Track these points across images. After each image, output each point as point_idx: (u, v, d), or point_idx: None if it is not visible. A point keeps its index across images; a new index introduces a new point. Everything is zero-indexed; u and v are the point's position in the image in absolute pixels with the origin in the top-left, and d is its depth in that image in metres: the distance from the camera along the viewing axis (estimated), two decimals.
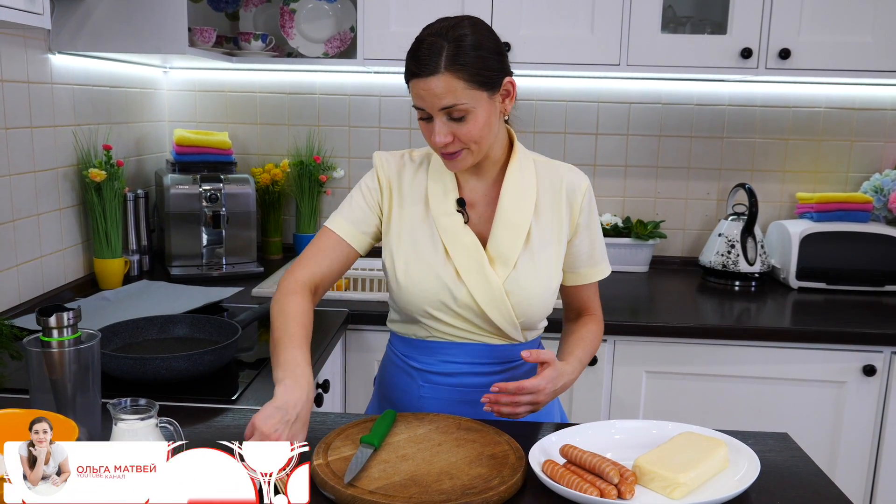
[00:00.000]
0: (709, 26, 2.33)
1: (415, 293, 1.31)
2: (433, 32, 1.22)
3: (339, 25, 2.45)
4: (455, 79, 1.19)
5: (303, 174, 2.57)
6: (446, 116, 1.22)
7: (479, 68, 1.20)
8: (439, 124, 1.22)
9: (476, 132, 1.23)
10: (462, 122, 1.22)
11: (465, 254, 1.29)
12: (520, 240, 1.30)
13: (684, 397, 2.04)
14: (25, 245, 1.86)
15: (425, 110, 1.23)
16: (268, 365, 1.55)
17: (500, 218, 1.31)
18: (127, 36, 1.96)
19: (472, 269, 1.29)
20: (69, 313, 1.11)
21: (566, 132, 2.61)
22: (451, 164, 1.28)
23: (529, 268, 1.30)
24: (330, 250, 1.34)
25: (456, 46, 1.19)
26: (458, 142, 1.24)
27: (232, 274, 2.32)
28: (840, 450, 2.04)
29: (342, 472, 1.03)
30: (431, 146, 1.28)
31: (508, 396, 1.19)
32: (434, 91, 1.19)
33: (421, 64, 1.20)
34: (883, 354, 1.99)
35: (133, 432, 1.01)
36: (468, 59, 1.19)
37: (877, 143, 2.57)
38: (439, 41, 1.19)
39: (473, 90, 1.20)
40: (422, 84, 1.20)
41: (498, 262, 1.30)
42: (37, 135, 1.89)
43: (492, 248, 1.30)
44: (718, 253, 2.43)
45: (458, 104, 1.20)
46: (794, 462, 1.15)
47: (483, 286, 1.29)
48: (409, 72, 1.23)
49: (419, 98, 1.23)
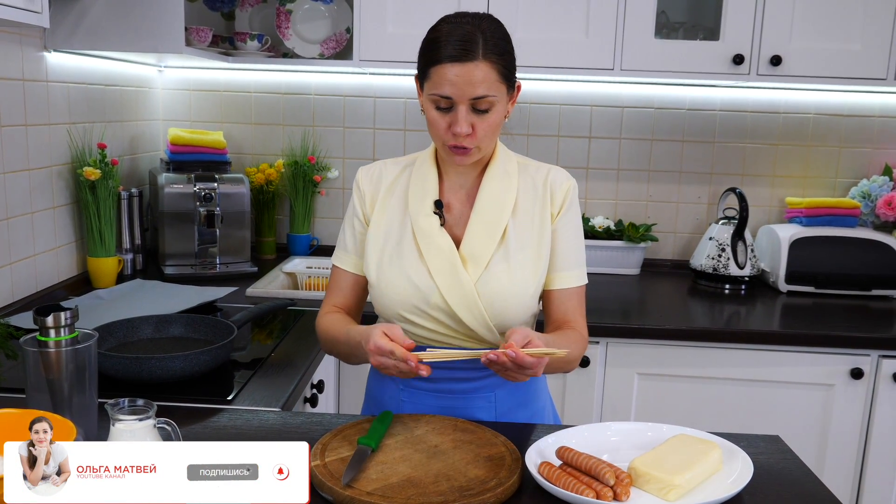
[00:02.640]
0: (701, 32, 2.35)
1: (388, 295, 1.31)
2: (464, 22, 1.20)
3: (335, 26, 2.46)
4: (491, 68, 1.19)
5: (297, 174, 2.57)
6: (471, 107, 1.21)
7: (508, 63, 1.22)
8: (464, 113, 1.20)
9: (493, 126, 1.23)
10: (484, 115, 1.21)
11: (439, 255, 1.28)
12: (493, 240, 1.29)
13: (675, 399, 2.06)
14: (19, 243, 1.86)
15: (450, 98, 1.20)
16: (263, 365, 1.56)
17: (475, 218, 1.30)
18: (123, 35, 1.96)
19: (445, 271, 1.27)
20: (66, 313, 1.11)
21: (559, 135, 2.62)
22: (459, 158, 1.26)
23: (503, 268, 1.28)
24: (343, 284, 1.40)
25: (491, 37, 1.19)
26: (474, 135, 1.22)
27: (226, 273, 2.32)
28: (827, 452, 2.06)
29: (340, 473, 1.04)
30: (442, 138, 1.24)
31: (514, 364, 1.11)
32: (470, 78, 1.18)
33: (459, 49, 1.17)
34: (870, 358, 2.01)
35: (131, 433, 1.01)
36: (501, 51, 1.20)
37: (865, 150, 2.60)
38: (474, 30, 1.18)
39: (500, 84, 1.21)
40: (456, 69, 1.17)
41: (470, 262, 1.28)
42: (31, 133, 1.88)
43: (465, 248, 1.29)
44: (709, 256, 2.45)
45: (489, 95, 1.19)
46: (786, 464, 1.17)
47: (455, 287, 1.27)
48: (439, 57, 1.19)
49: (450, 84, 1.18)
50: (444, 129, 1.23)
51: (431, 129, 1.26)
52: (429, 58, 1.21)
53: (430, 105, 1.23)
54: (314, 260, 2.53)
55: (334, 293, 1.41)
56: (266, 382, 1.47)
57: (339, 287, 1.40)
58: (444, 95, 1.20)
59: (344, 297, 1.40)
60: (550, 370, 1.24)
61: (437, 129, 1.24)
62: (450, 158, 1.28)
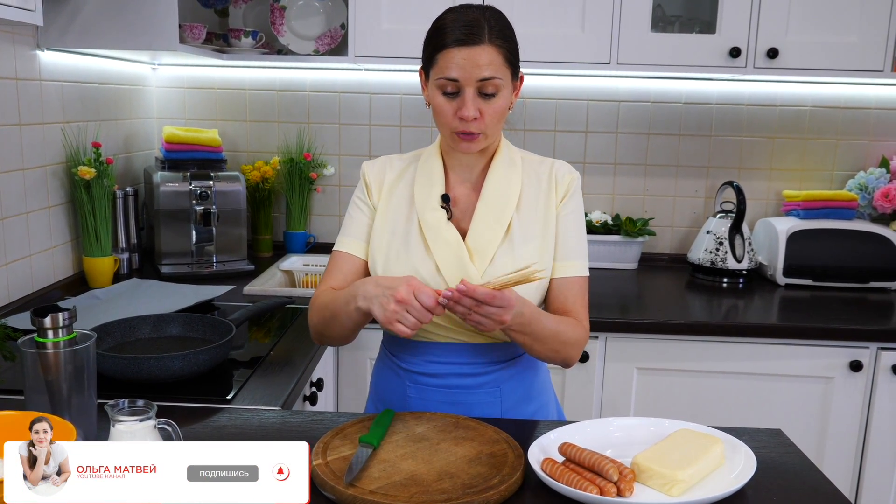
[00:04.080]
0: (698, 25, 2.35)
1: None
2: (469, 10, 1.24)
3: (329, 22, 2.44)
4: (496, 52, 1.22)
5: (293, 172, 2.56)
6: (477, 91, 1.22)
7: (512, 49, 1.25)
8: (471, 96, 1.22)
9: (499, 112, 1.25)
10: (491, 100, 1.23)
11: (447, 249, 1.28)
12: (498, 234, 1.29)
13: (675, 393, 2.06)
14: (14, 243, 1.85)
15: (457, 82, 1.22)
16: (262, 364, 1.55)
17: (480, 211, 1.31)
18: (117, 32, 1.94)
19: (452, 264, 1.28)
20: (64, 314, 1.10)
21: (556, 130, 2.62)
22: (466, 144, 1.26)
23: (508, 262, 1.28)
24: (345, 267, 1.36)
25: (496, 23, 1.23)
26: (482, 119, 1.24)
27: (222, 272, 2.31)
28: (827, 444, 2.07)
29: (342, 472, 1.04)
30: (449, 125, 1.25)
31: (472, 301, 1.11)
32: (477, 61, 1.20)
33: (466, 32, 1.20)
34: (869, 350, 2.02)
35: (131, 433, 1.00)
36: (507, 36, 1.24)
37: (862, 142, 2.60)
38: (479, 17, 1.22)
39: (506, 68, 1.24)
40: (463, 53, 1.20)
41: (476, 255, 1.29)
42: (25, 132, 1.87)
43: (471, 241, 1.29)
44: (707, 250, 2.45)
45: (496, 78, 1.22)
46: (789, 458, 1.17)
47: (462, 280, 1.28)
48: (445, 42, 1.21)
49: (457, 68, 1.21)
50: (451, 115, 1.24)
51: (438, 118, 1.27)
52: (435, 44, 1.23)
53: (437, 91, 1.24)
54: (311, 257, 2.52)
55: (333, 275, 1.36)
56: (265, 381, 1.46)
57: (339, 270, 1.36)
58: (450, 78, 1.21)
59: (343, 280, 1.35)
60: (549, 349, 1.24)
61: (444, 115, 1.25)
62: (456, 146, 1.28)
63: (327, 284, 1.35)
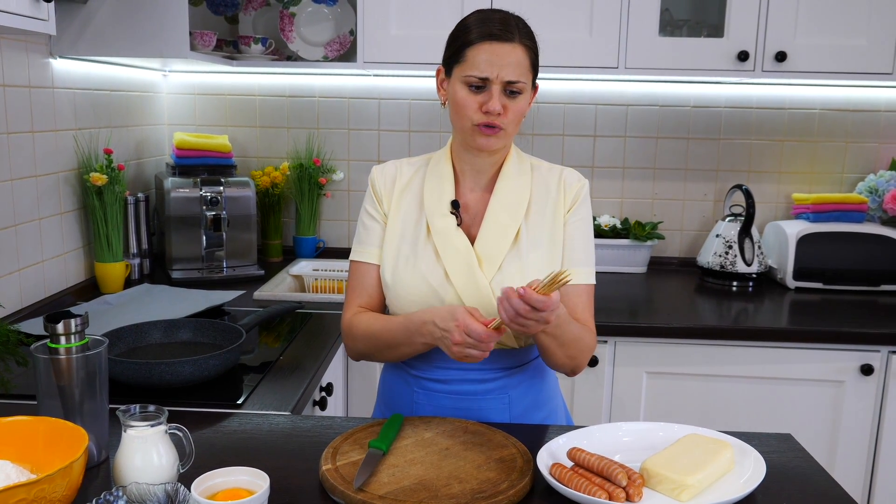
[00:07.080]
0: (706, 29, 2.34)
1: (402, 295, 1.31)
2: (496, 11, 1.27)
3: (338, 29, 2.46)
4: (525, 54, 1.25)
5: (302, 177, 2.57)
6: (503, 89, 1.24)
7: (537, 53, 1.29)
8: (497, 92, 1.23)
9: (520, 112, 1.27)
10: (515, 98, 1.25)
11: (456, 256, 1.29)
12: (507, 240, 1.29)
13: (684, 397, 2.06)
14: (27, 249, 1.86)
15: (486, 78, 1.22)
16: (272, 369, 1.56)
17: (489, 218, 1.31)
18: (128, 40, 1.96)
19: (462, 272, 1.28)
20: (77, 320, 1.11)
21: (564, 134, 2.62)
22: (487, 140, 1.26)
23: (516, 269, 1.28)
24: (367, 281, 1.36)
25: (524, 27, 1.27)
26: (504, 117, 1.25)
27: (232, 277, 2.32)
28: (838, 449, 2.06)
29: (351, 477, 1.04)
30: (471, 118, 1.25)
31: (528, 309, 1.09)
32: (508, 58, 1.22)
33: (499, 28, 1.23)
34: (880, 354, 2.01)
35: (143, 439, 1.01)
36: (532, 41, 1.28)
37: (871, 145, 2.59)
38: (508, 17, 1.26)
39: (529, 72, 1.26)
40: (496, 48, 1.22)
41: (485, 262, 1.29)
42: (38, 139, 1.89)
43: (480, 247, 1.29)
44: (716, 254, 2.45)
45: (521, 80, 1.24)
46: (799, 463, 1.16)
47: (471, 287, 1.27)
48: (474, 38, 1.23)
49: (487, 63, 1.22)
50: (475, 109, 1.25)
51: (459, 111, 1.26)
52: (463, 40, 1.25)
53: (462, 86, 1.25)
54: (320, 262, 2.53)
55: (358, 292, 1.36)
56: (275, 386, 1.47)
57: (362, 285, 1.36)
58: (481, 77, 1.23)
59: (369, 297, 1.36)
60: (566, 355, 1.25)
61: (467, 109, 1.25)
62: (475, 141, 1.27)
63: (355, 304, 1.36)
